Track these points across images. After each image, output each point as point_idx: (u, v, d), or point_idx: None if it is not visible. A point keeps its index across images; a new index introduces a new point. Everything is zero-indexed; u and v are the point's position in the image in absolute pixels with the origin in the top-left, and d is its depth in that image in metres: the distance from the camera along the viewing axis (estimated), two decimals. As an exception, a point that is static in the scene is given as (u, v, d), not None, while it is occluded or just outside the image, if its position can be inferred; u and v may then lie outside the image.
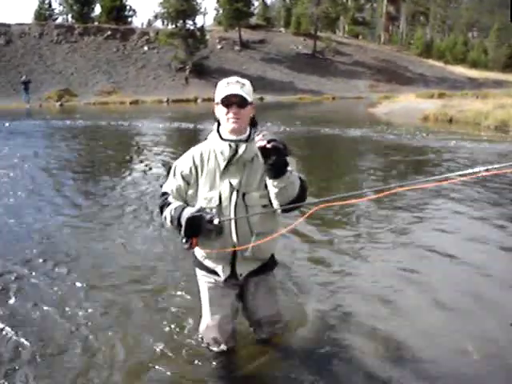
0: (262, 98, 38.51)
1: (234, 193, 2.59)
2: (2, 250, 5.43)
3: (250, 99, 2.55)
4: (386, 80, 51.33)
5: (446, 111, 20.33)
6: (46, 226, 6.40)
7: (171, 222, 2.63)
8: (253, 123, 2.67)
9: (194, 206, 2.60)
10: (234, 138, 2.57)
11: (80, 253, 5.36)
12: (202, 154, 2.67)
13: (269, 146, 2.21)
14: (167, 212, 2.65)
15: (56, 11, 55.69)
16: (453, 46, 69.82)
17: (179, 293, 4.22)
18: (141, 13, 69.95)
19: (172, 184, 2.74)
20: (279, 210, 2.53)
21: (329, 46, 54.73)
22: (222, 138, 2.61)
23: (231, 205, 2.60)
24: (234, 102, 2.50)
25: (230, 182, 2.59)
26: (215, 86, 2.65)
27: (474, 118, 18.61)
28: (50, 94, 36.33)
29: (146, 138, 16.19)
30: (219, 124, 2.66)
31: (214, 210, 2.58)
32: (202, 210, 2.50)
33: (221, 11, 56.37)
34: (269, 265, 2.91)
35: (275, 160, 2.25)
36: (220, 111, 2.59)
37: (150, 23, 67.98)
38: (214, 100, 2.68)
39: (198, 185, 2.67)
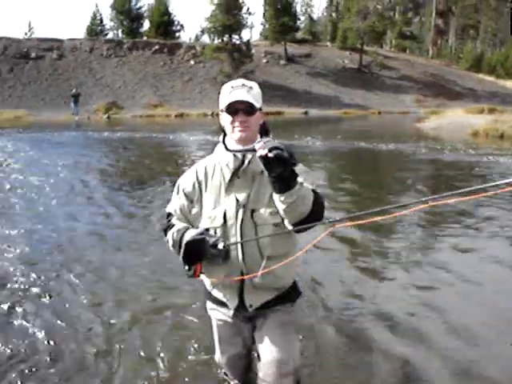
0: (306, 112, 38.33)
1: (241, 210, 2.25)
2: (30, 256, 5.50)
3: (258, 105, 2.23)
4: (434, 95, 50.27)
5: (498, 126, 19.58)
6: (73, 233, 6.50)
7: (173, 246, 2.35)
8: (264, 131, 2.31)
9: (198, 227, 2.31)
10: (240, 147, 2.23)
11: (105, 263, 5.33)
12: (206, 168, 2.37)
13: (270, 154, 1.88)
14: (169, 235, 2.36)
15: (107, 27, 57.49)
16: (504, 59, 67.72)
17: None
18: (188, 28, 71.52)
19: (175, 203, 2.44)
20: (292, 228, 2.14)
21: (375, 60, 54.15)
22: (227, 149, 2.28)
23: (237, 223, 2.25)
24: (240, 108, 2.19)
25: (236, 198, 2.25)
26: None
27: (528, 134, 17.84)
28: (98, 106, 37.25)
29: (186, 150, 16.25)
30: (225, 134, 2.33)
31: (219, 231, 2.27)
32: (204, 232, 2.21)
33: (267, 26, 56.76)
34: (288, 295, 2.43)
35: (280, 171, 1.92)
36: (225, 120, 2.26)
37: (197, 38, 69.06)
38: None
39: (201, 202, 2.36)
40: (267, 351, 2.36)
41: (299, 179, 2.02)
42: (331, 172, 12.10)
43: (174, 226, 2.38)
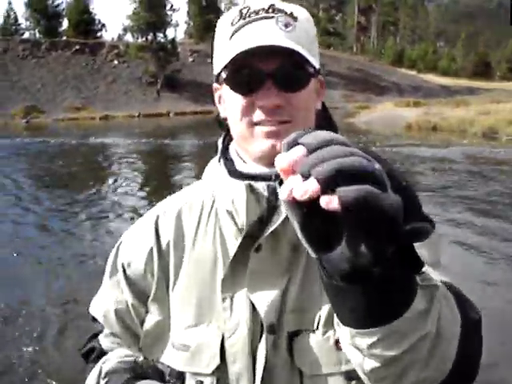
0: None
1: (265, 335, 0.87)
2: None
3: (315, 61, 0.86)
4: (361, 90, 51.19)
5: (429, 119, 19.83)
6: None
7: None
8: (325, 127, 0.85)
9: (156, 370, 0.96)
10: (266, 170, 0.89)
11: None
12: (179, 219, 1.00)
13: (334, 203, 0.46)
14: (92, 379, 0.98)
15: (22, 26, 54.48)
16: (424, 54, 70.45)
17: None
18: (111, 27, 69.25)
19: (109, 299, 1.03)
20: None
21: (302, 57, 54.54)
22: (233, 174, 0.92)
23: (256, 372, 0.87)
24: (266, 71, 0.83)
25: (252, 302, 0.88)
26: (188, 99, 0.98)
27: (459, 125, 18.13)
28: (15, 111, 35.02)
29: (109, 154, 15.23)
30: (228, 138, 1.00)
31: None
32: None
33: (191, 23, 55.90)
34: None
35: (368, 260, 0.50)
36: (230, 103, 0.90)
37: (120, 37, 66.90)
38: (189, 113, 0.94)
39: (168, 304, 0.98)
40: None
41: (427, 272, 0.64)
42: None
43: (102, 354, 1.03)
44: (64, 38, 49.11)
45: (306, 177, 0.47)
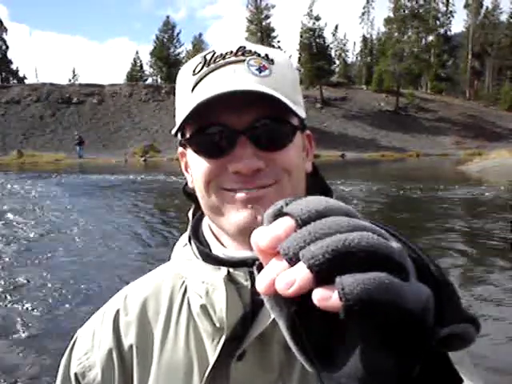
0: (343, 155, 37.91)
1: None
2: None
3: (300, 111, 0.75)
4: (473, 136, 49.28)
5: (550, 169, 18.67)
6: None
7: None
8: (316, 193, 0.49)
9: None
10: (249, 254, 0.71)
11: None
12: (144, 314, 0.82)
13: (335, 302, 0.33)
14: None
15: (146, 73, 59.20)
16: (545, 100, 66.44)
17: None
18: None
19: None
20: None
21: (412, 103, 53.79)
22: (207, 259, 0.75)
23: None
24: (238, 127, 0.69)
25: None
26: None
27: None
28: (135, 149, 37.76)
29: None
30: (198, 210, 0.84)
31: None
32: None
33: (302, 70, 57.51)
34: None
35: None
36: (196, 167, 0.74)
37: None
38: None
39: None
40: None
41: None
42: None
43: None
44: (182, 83, 52.75)
45: (293, 261, 0.35)
